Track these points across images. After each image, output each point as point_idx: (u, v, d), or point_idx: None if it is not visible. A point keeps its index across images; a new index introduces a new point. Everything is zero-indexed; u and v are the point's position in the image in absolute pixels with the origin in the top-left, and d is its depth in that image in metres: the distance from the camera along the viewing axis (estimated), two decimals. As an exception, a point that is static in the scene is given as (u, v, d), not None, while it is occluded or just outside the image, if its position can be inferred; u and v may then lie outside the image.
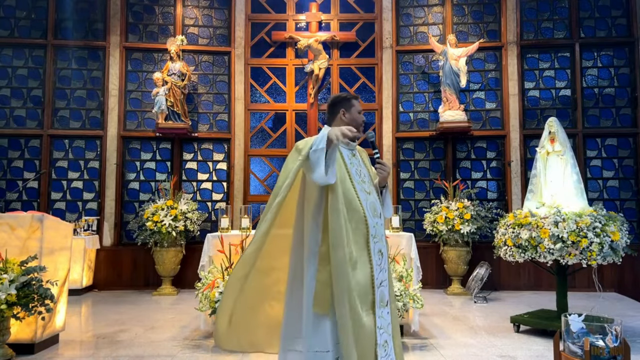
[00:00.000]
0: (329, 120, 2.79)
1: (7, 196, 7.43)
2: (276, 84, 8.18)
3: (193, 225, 7.01)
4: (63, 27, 7.82)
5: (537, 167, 4.99)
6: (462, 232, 6.81)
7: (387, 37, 8.01)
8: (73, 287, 6.47)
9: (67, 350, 4.25)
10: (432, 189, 7.77)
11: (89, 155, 7.72)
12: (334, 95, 3.13)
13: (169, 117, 7.48)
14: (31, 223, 4.02)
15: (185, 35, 7.75)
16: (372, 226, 2.59)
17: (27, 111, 7.67)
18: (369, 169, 2.77)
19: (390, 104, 7.92)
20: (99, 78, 7.81)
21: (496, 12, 7.99)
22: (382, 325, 2.53)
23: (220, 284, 4.24)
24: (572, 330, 2.65)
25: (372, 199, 2.66)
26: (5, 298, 3.55)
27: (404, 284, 4.30)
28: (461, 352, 4.13)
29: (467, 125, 7.42)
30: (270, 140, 8.12)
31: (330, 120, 2.78)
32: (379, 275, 2.57)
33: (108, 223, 7.52)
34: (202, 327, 4.71)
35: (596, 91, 7.74)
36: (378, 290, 2.55)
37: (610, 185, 7.59)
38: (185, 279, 7.21)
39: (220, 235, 4.61)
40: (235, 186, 7.81)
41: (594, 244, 4.29)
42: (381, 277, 2.59)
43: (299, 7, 8.20)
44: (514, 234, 4.68)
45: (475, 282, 6.55)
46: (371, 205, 2.63)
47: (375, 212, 2.64)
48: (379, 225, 2.63)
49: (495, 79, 7.90)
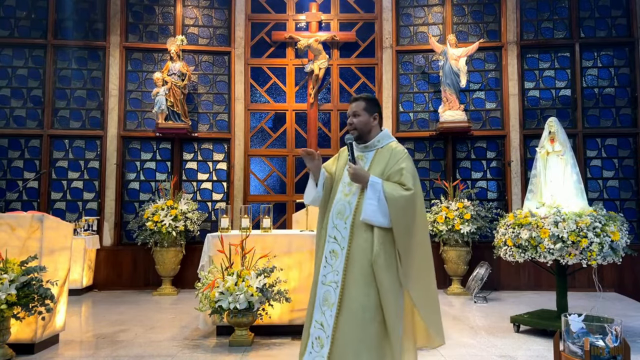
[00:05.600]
0: None
1: (7, 196, 7.43)
2: (276, 84, 8.18)
3: (193, 225, 7.01)
4: (63, 27, 7.82)
5: (537, 167, 4.99)
6: (462, 232, 6.81)
7: (387, 37, 8.01)
8: (73, 287, 6.47)
9: (67, 350, 4.25)
10: (432, 189, 7.77)
11: (89, 155, 7.72)
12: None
13: (169, 117, 7.48)
14: (31, 223, 4.02)
15: (185, 35, 7.75)
16: (330, 227, 2.72)
17: (27, 111, 7.67)
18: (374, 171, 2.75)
19: (390, 104, 7.92)
20: (99, 78, 7.81)
21: (496, 12, 7.99)
22: (319, 321, 2.66)
23: (220, 284, 4.24)
24: (572, 330, 2.65)
25: (346, 200, 2.70)
26: (5, 298, 3.55)
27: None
28: (461, 352, 4.13)
29: (467, 125, 7.42)
30: (270, 140, 8.12)
31: None
32: (329, 275, 2.67)
33: (108, 223, 7.53)
34: (200, 327, 4.71)
35: (596, 91, 7.74)
36: (322, 288, 2.69)
37: (610, 185, 7.59)
38: (185, 279, 7.21)
39: (220, 235, 4.60)
40: (235, 186, 7.81)
41: (594, 244, 4.29)
42: (331, 277, 2.66)
43: (299, 7, 8.21)
44: (514, 234, 4.67)
45: (475, 282, 6.55)
46: (340, 207, 2.71)
47: (340, 214, 2.70)
48: (340, 227, 2.68)
49: (495, 79, 7.90)
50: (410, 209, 2.60)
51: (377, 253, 2.56)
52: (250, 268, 4.39)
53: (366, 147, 2.81)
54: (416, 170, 2.72)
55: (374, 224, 2.59)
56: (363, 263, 2.59)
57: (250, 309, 4.22)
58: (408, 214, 2.59)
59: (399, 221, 2.57)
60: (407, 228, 2.59)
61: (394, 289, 2.57)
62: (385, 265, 2.56)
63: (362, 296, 2.56)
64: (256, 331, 4.55)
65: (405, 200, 2.58)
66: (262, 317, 4.34)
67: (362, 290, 2.57)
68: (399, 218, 2.57)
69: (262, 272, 4.31)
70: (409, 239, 2.60)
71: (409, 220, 2.59)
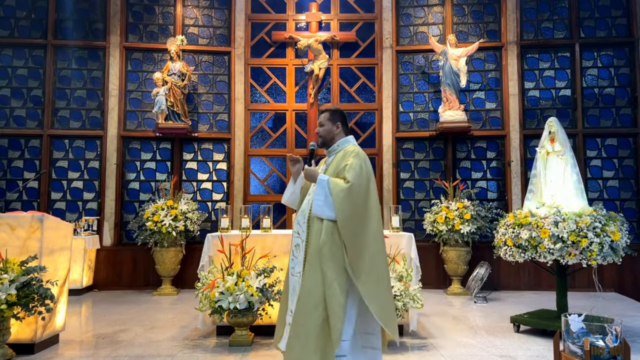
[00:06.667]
0: None
1: (7, 196, 7.43)
2: (276, 84, 8.18)
3: (193, 225, 7.01)
4: (63, 27, 7.82)
5: (537, 167, 4.99)
6: (462, 232, 6.81)
7: (387, 37, 8.01)
8: (73, 287, 6.47)
9: (67, 350, 4.25)
10: (432, 189, 7.77)
11: (89, 155, 7.72)
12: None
13: (169, 117, 7.48)
14: (31, 223, 4.02)
15: (185, 35, 7.75)
16: (295, 224, 3.07)
17: (27, 111, 7.67)
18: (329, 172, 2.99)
19: (390, 104, 7.92)
20: (99, 78, 7.81)
21: (496, 12, 7.99)
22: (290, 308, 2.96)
23: (220, 284, 4.24)
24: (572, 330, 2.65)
25: (308, 199, 2.99)
26: (5, 298, 3.55)
27: (404, 284, 4.30)
28: (461, 352, 4.13)
29: (467, 125, 7.42)
30: (270, 140, 8.12)
31: None
32: (295, 267, 2.97)
33: (108, 223, 7.53)
34: (200, 327, 4.71)
35: (596, 91, 7.74)
36: (292, 279, 3.01)
37: (610, 185, 7.59)
38: (185, 279, 7.21)
39: (220, 235, 4.60)
40: (235, 186, 7.81)
41: (594, 244, 4.29)
42: (297, 269, 2.95)
43: (299, 7, 8.21)
44: (514, 234, 4.67)
45: (475, 282, 6.55)
46: (303, 206, 3.03)
47: (302, 211, 3.01)
48: (301, 223, 2.98)
49: (495, 79, 7.90)
50: (348, 200, 2.77)
51: (324, 242, 2.77)
52: (250, 268, 4.40)
53: (329, 152, 3.13)
54: (366, 167, 2.89)
55: (323, 217, 2.81)
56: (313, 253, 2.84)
57: (250, 309, 4.22)
58: (345, 206, 2.76)
59: (340, 213, 2.76)
60: (348, 219, 2.76)
61: (339, 280, 2.71)
62: (330, 255, 2.74)
63: (310, 282, 2.79)
64: (256, 331, 4.55)
65: (344, 193, 2.77)
66: (262, 317, 4.34)
67: (312, 277, 2.79)
68: (340, 210, 2.76)
69: (262, 272, 4.31)
70: (353, 230, 2.76)
71: (348, 212, 2.76)
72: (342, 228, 2.74)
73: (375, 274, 2.79)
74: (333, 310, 2.67)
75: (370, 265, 2.77)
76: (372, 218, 2.84)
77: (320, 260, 2.76)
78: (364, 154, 2.97)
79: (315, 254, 2.80)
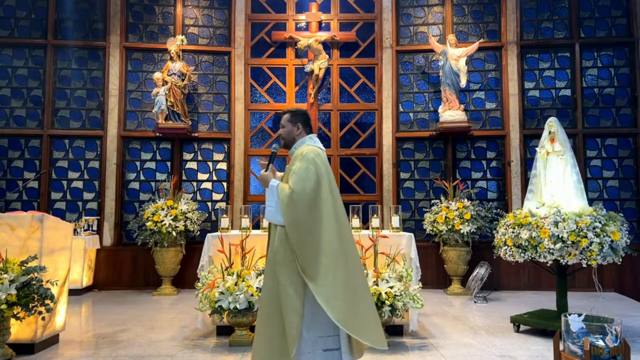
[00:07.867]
0: None
1: (7, 196, 7.43)
2: (276, 84, 8.18)
3: (193, 225, 7.01)
4: (63, 27, 7.82)
5: (537, 167, 4.99)
6: (462, 232, 6.81)
7: (387, 37, 8.01)
8: (73, 287, 6.47)
9: (67, 350, 4.25)
10: (432, 189, 7.77)
11: (89, 155, 7.72)
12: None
13: (169, 117, 7.48)
14: (31, 223, 4.02)
15: (185, 35, 7.75)
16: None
17: (27, 111, 7.67)
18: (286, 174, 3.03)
19: (390, 104, 7.92)
20: (99, 78, 7.81)
21: (496, 12, 7.99)
22: None
23: (220, 284, 4.24)
24: (572, 330, 2.65)
25: None
26: (5, 298, 3.55)
27: (403, 284, 4.30)
28: (461, 352, 4.13)
29: (467, 125, 7.42)
30: (270, 140, 8.12)
31: None
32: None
33: (108, 223, 7.53)
34: (200, 327, 4.71)
35: (596, 91, 7.74)
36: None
37: (610, 185, 7.59)
38: (185, 279, 7.21)
39: (220, 235, 4.60)
40: (235, 186, 7.81)
41: (594, 244, 4.29)
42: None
43: (299, 7, 8.21)
44: (514, 234, 4.67)
45: (475, 282, 6.55)
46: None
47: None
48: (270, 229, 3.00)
49: (495, 79, 7.90)
50: (290, 207, 2.77)
51: (277, 249, 2.80)
52: (250, 268, 4.40)
53: (291, 154, 3.13)
54: (314, 168, 2.84)
55: (275, 223, 2.85)
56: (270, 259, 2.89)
57: (250, 309, 4.22)
58: (289, 212, 2.77)
59: (285, 219, 2.78)
60: (292, 225, 2.76)
61: (294, 285, 2.71)
62: (283, 261, 2.76)
63: (265, 289, 2.87)
64: (256, 331, 4.54)
65: (287, 199, 2.78)
66: (262, 317, 4.34)
67: (267, 283, 2.86)
68: (285, 216, 2.78)
69: (262, 272, 4.31)
70: (299, 235, 2.75)
71: (291, 218, 2.76)
72: (289, 233, 2.76)
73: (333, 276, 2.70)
74: (286, 315, 2.67)
75: (325, 269, 2.70)
76: (323, 219, 2.78)
77: (274, 266, 2.79)
78: (314, 154, 2.90)
79: (272, 259, 2.84)
